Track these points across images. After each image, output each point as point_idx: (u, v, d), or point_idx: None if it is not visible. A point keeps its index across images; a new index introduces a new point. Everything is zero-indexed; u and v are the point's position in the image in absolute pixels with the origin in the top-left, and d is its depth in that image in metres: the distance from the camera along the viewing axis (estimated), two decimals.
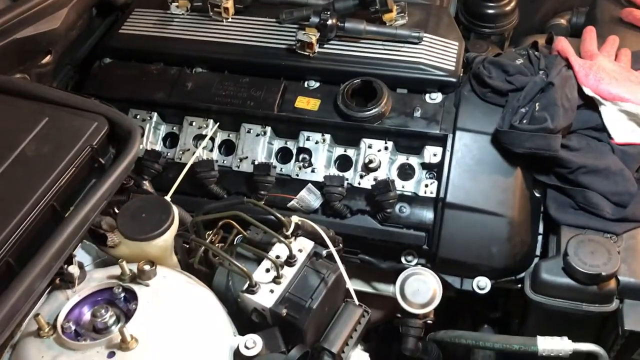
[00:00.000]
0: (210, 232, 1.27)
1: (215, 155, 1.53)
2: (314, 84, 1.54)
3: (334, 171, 1.47)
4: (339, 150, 1.49)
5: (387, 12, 1.51)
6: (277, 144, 1.52)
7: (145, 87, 1.58)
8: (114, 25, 1.75)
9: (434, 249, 1.38)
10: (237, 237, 1.27)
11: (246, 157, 1.50)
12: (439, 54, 1.51)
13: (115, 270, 1.10)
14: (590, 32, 1.53)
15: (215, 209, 1.28)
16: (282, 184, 1.47)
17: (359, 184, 1.44)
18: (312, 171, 1.46)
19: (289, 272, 1.13)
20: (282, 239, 1.12)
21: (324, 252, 1.17)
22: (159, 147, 1.56)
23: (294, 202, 1.42)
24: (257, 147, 1.50)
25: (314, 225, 1.18)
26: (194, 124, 1.55)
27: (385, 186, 1.36)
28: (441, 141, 1.42)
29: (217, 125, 1.52)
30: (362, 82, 1.46)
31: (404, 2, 1.56)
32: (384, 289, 1.53)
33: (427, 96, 1.48)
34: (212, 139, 1.54)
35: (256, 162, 1.47)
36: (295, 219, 1.16)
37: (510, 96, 1.39)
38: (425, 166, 1.44)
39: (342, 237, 1.33)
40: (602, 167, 1.32)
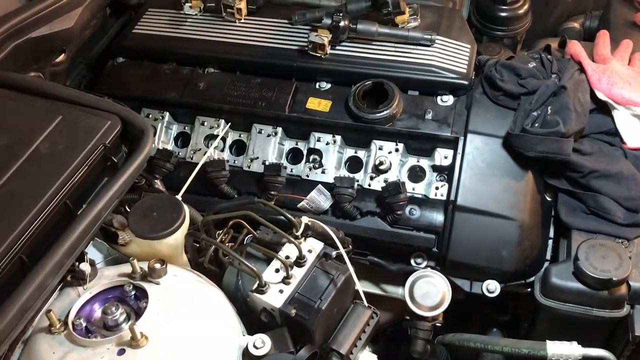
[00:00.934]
0: (220, 232, 1.28)
1: (226, 155, 1.54)
2: (325, 85, 1.54)
3: (344, 172, 1.47)
4: (350, 151, 1.49)
5: (400, 14, 1.51)
6: (288, 144, 1.52)
7: (157, 86, 1.59)
8: (127, 25, 1.77)
9: (443, 252, 1.38)
10: (247, 237, 1.28)
11: (257, 158, 1.51)
12: (451, 56, 1.51)
13: (126, 268, 1.11)
14: (603, 36, 1.52)
15: (226, 208, 1.28)
16: (293, 185, 1.47)
17: (369, 185, 1.44)
18: (323, 172, 1.47)
19: (298, 273, 1.13)
20: (292, 240, 1.12)
21: (334, 253, 1.17)
22: (170, 146, 1.57)
23: (304, 203, 1.43)
24: (268, 147, 1.51)
25: (323, 226, 1.19)
26: (205, 123, 1.56)
27: (395, 188, 1.36)
28: (452, 144, 1.42)
29: (229, 125, 1.53)
30: (374, 83, 1.46)
31: (416, 5, 1.56)
32: (393, 291, 1.53)
33: (438, 98, 1.48)
34: (224, 139, 1.55)
35: (267, 163, 1.48)
36: (305, 219, 1.17)
37: (522, 99, 1.39)
38: (436, 169, 1.44)
39: (352, 239, 1.33)
40: (614, 172, 1.31)
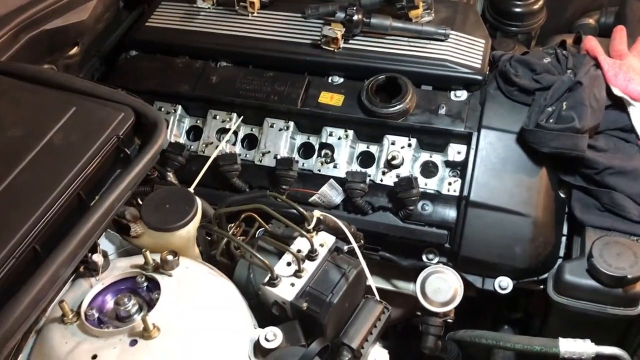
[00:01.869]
0: (232, 225, 1.27)
1: (237, 149, 1.54)
2: (338, 80, 1.53)
3: (356, 167, 1.46)
4: (362, 146, 1.49)
5: (414, 9, 1.51)
6: (300, 139, 1.52)
7: (170, 79, 1.59)
8: (140, 18, 1.77)
9: (456, 248, 1.37)
10: (259, 230, 1.27)
11: (269, 152, 1.51)
12: (465, 51, 1.50)
13: (138, 259, 1.11)
14: (620, 32, 1.51)
15: (238, 201, 1.28)
16: (304, 179, 1.47)
17: (381, 180, 1.43)
18: (334, 167, 1.46)
19: (310, 266, 1.13)
20: (304, 233, 1.12)
21: (345, 248, 1.17)
22: (182, 139, 1.57)
23: (315, 197, 1.42)
24: (280, 141, 1.51)
25: (335, 220, 1.18)
26: (217, 117, 1.55)
27: (408, 183, 1.35)
28: (466, 139, 1.41)
29: (241, 119, 1.53)
30: (387, 78, 1.46)
31: None
32: (404, 286, 1.53)
33: (452, 94, 1.47)
34: (235, 133, 1.55)
35: (279, 157, 1.48)
36: (317, 213, 1.16)
37: (536, 95, 1.37)
38: (449, 164, 1.43)
39: (363, 234, 1.32)
40: (629, 169, 1.30)
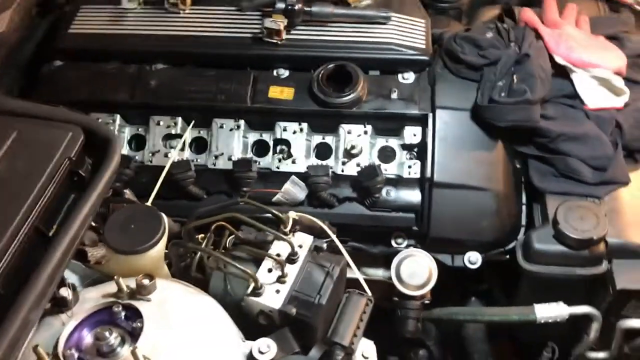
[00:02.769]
0: (202, 236, 1.21)
1: (187, 154, 1.46)
2: (284, 72, 1.49)
3: (314, 160, 1.43)
4: (317, 138, 1.45)
5: None
6: (252, 137, 1.46)
7: (104, 88, 1.49)
8: (57, 24, 1.64)
9: (424, 229, 1.38)
10: (229, 238, 1.22)
11: (222, 154, 1.44)
12: (408, 32, 1.49)
13: (109, 287, 1.03)
14: (551, 1, 1.55)
15: (209, 212, 1.22)
16: (264, 179, 1.42)
17: (342, 171, 1.41)
18: (293, 162, 1.42)
19: (292, 270, 1.10)
20: (283, 237, 1.09)
21: (324, 245, 1.14)
22: (125, 150, 1.48)
23: (279, 196, 1.38)
24: (232, 142, 1.45)
25: (311, 218, 1.15)
26: (161, 123, 1.47)
27: (372, 171, 1.34)
28: (420, 121, 1.41)
29: (192, 124, 1.45)
30: (335, 66, 1.43)
31: None
32: (373, 273, 1.52)
33: (400, 76, 1.46)
34: (181, 136, 1.47)
35: (233, 158, 1.42)
36: (292, 214, 1.13)
37: (485, 70, 1.40)
38: (405, 147, 1.43)
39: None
40: (580, 134, 1.35)
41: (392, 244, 1.43)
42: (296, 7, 1.44)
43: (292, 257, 1.10)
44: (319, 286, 1.09)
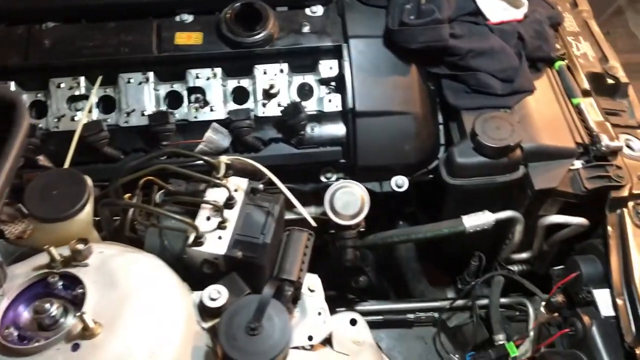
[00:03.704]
0: (129, 196, 1.16)
1: (95, 115, 1.38)
2: (188, 17, 1.42)
3: (232, 105, 1.40)
4: (232, 82, 1.41)
5: None
6: (164, 88, 1.40)
7: None
8: None
9: (351, 161, 1.40)
10: (159, 193, 1.18)
11: (133, 110, 1.37)
12: None
13: (40, 259, 0.98)
14: None
15: (135, 167, 1.16)
16: (183, 130, 1.37)
17: (264, 113, 1.39)
18: (211, 110, 1.38)
19: (231, 215, 1.08)
20: (219, 182, 1.06)
21: (260, 186, 1.13)
22: None
23: (202, 146, 1.34)
24: (142, 96, 1.38)
25: (244, 159, 1.13)
26: (62, 85, 1.37)
27: (295, 109, 1.33)
28: (335, 53, 1.40)
29: (100, 80, 1.36)
30: (242, 5, 1.38)
31: None
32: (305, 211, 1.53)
33: (308, 10, 1.44)
34: (86, 97, 1.38)
35: (146, 113, 1.36)
36: (224, 158, 1.11)
37: None
38: (323, 81, 1.42)
39: None
40: (487, 48, 1.40)
41: (322, 179, 1.44)
42: None
43: (229, 202, 1.08)
44: (261, 226, 1.08)
